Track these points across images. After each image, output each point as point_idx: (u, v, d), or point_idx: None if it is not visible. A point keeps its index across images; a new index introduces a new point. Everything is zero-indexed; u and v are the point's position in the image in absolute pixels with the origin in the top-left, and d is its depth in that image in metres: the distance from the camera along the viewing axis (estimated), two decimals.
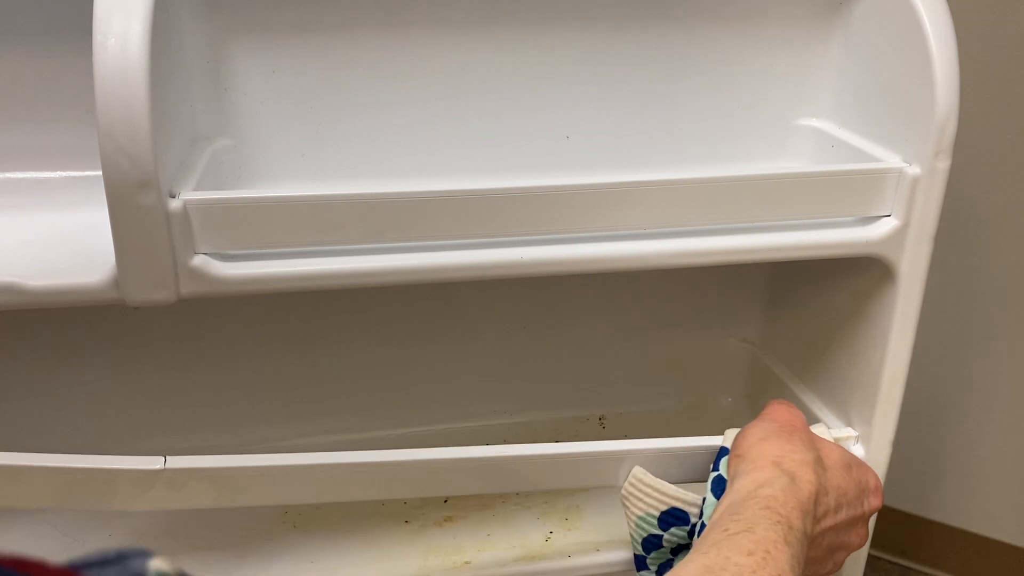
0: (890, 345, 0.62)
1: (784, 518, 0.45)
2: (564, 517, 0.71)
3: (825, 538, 0.50)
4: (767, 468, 0.48)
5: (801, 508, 0.46)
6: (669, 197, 0.55)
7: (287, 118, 0.63)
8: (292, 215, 0.51)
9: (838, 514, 0.50)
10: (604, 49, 0.65)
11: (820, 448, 0.52)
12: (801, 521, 0.46)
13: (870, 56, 0.63)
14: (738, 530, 0.44)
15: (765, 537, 0.43)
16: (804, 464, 0.49)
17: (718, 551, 0.43)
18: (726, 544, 0.43)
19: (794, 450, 0.50)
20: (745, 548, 0.43)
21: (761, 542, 0.43)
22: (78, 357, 0.72)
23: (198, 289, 0.51)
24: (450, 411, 0.82)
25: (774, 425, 0.53)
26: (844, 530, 0.51)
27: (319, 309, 0.75)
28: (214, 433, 0.77)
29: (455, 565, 0.66)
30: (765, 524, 0.44)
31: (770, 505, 0.46)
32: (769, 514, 0.45)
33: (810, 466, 0.49)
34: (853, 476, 0.52)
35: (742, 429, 0.54)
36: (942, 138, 0.57)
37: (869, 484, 0.54)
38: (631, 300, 0.81)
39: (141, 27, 0.47)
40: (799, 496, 0.47)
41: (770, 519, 0.45)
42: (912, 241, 0.59)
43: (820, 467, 0.50)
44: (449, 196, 0.52)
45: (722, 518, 0.46)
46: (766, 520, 0.45)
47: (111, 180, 0.47)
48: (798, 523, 0.45)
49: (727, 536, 0.44)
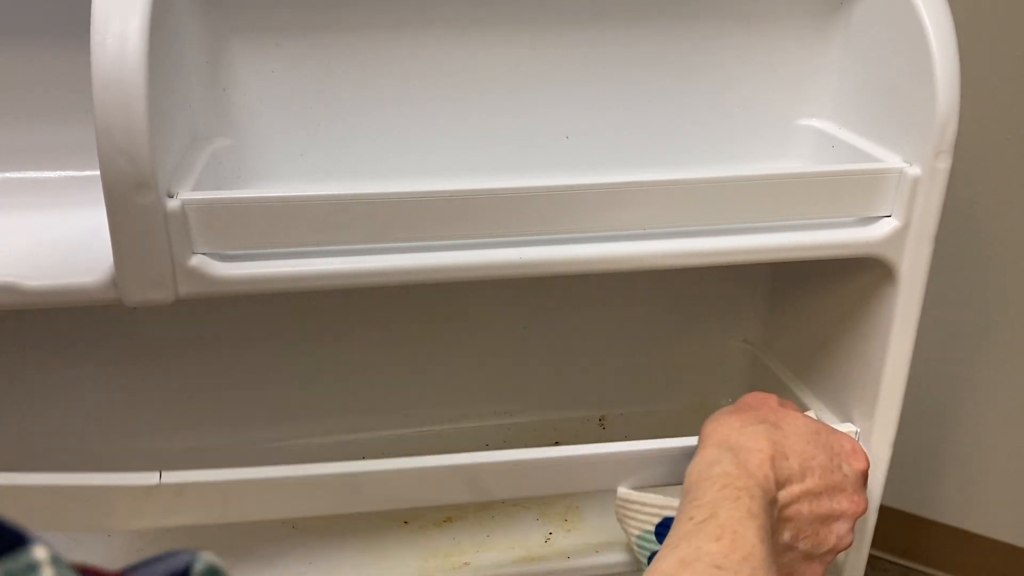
0: (890, 346, 0.62)
1: (742, 491, 0.46)
2: (564, 518, 0.71)
3: (803, 505, 0.50)
4: (713, 447, 0.49)
5: (756, 477, 0.47)
6: (669, 197, 0.55)
7: (286, 118, 0.62)
8: (290, 215, 0.50)
9: (806, 480, 0.50)
10: (604, 49, 0.65)
11: (779, 419, 0.52)
12: (760, 489, 0.46)
13: (871, 56, 0.63)
14: (703, 517, 0.44)
15: (729, 517, 0.44)
16: (754, 435, 0.50)
17: (688, 543, 0.43)
18: (695, 534, 0.44)
19: (744, 423, 0.51)
20: (713, 535, 0.43)
21: (727, 525, 0.44)
22: (76, 357, 0.72)
23: (196, 289, 0.51)
24: (450, 412, 0.82)
25: (731, 408, 0.54)
26: (827, 496, 0.51)
27: (318, 309, 0.75)
28: (213, 433, 0.77)
29: (454, 566, 0.65)
30: (727, 505, 0.45)
31: (726, 483, 0.46)
32: (727, 492, 0.46)
33: (761, 435, 0.50)
34: (821, 441, 0.52)
35: None
36: (943, 138, 0.56)
37: (844, 447, 0.53)
38: (631, 300, 0.81)
39: (139, 27, 0.47)
40: (748, 466, 0.47)
41: (729, 497, 0.45)
42: (913, 241, 0.59)
43: (775, 433, 0.50)
44: (448, 196, 0.52)
45: (685, 506, 0.47)
46: (726, 500, 0.45)
47: (109, 180, 0.47)
48: (758, 491, 0.46)
49: (695, 526, 0.44)
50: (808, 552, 0.51)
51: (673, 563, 0.42)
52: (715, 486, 0.46)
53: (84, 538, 0.69)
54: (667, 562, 0.43)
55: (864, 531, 0.68)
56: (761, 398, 0.57)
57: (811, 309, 0.74)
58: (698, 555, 0.42)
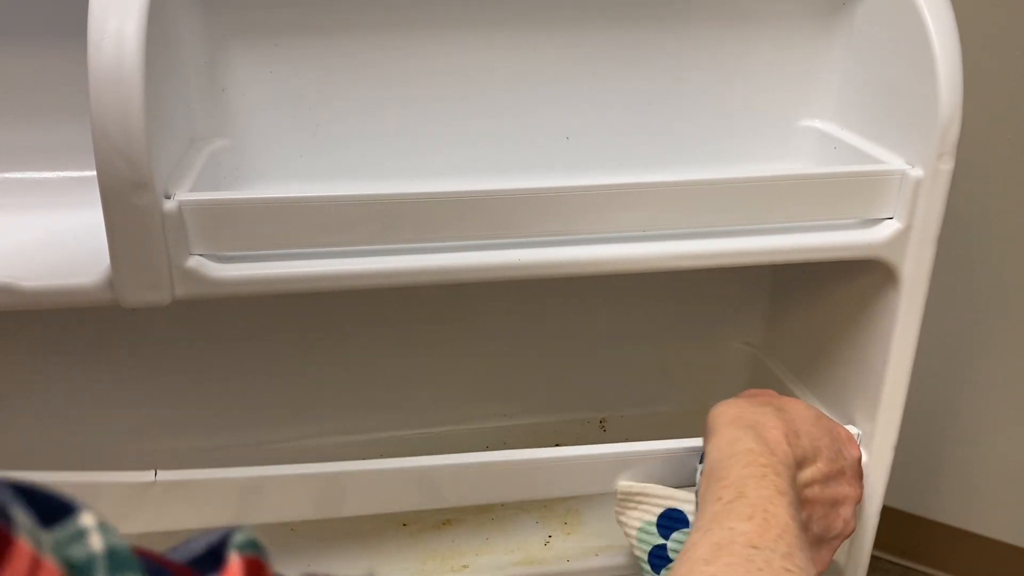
0: (892, 348, 0.62)
1: (767, 468, 0.45)
2: (563, 521, 0.71)
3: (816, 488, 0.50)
4: (730, 426, 0.49)
5: (777, 454, 0.47)
6: (670, 199, 0.55)
7: (284, 119, 0.62)
8: (288, 216, 0.50)
9: (817, 462, 0.50)
10: (605, 50, 0.65)
11: (783, 403, 0.53)
12: (784, 465, 0.46)
13: (873, 57, 0.63)
14: (731, 497, 0.44)
15: (759, 496, 0.43)
16: (764, 413, 0.50)
17: (720, 524, 0.42)
18: (725, 515, 0.43)
19: (750, 403, 0.52)
20: (744, 514, 0.42)
21: (757, 503, 0.43)
22: (73, 358, 0.72)
23: (193, 291, 0.51)
24: (451, 413, 0.81)
25: (738, 398, 0.55)
26: (834, 480, 0.51)
27: (317, 310, 0.75)
28: (211, 434, 0.77)
29: (453, 569, 0.65)
30: (754, 483, 0.44)
31: (751, 460, 0.46)
32: (753, 470, 0.45)
33: (770, 414, 0.50)
34: (823, 426, 0.53)
35: None
36: (945, 140, 0.56)
37: (840, 434, 0.54)
38: (632, 302, 0.81)
39: (136, 28, 0.46)
40: (769, 442, 0.47)
41: (755, 475, 0.45)
42: (915, 243, 0.59)
43: (783, 414, 0.51)
44: (448, 198, 0.52)
45: (711, 486, 0.46)
46: (753, 478, 0.45)
47: (106, 181, 0.47)
48: (782, 468, 0.46)
49: (724, 506, 0.43)
50: (819, 536, 0.51)
51: (707, 548, 0.41)
52: (739, 463, 0.46)
53: None
54: (701, 548, 0.41)
55: (864, 531, 0.68)
56: (753, 390, 0.59)
57: (812, 311, 0.74)
58: (732, 536, 0.41)
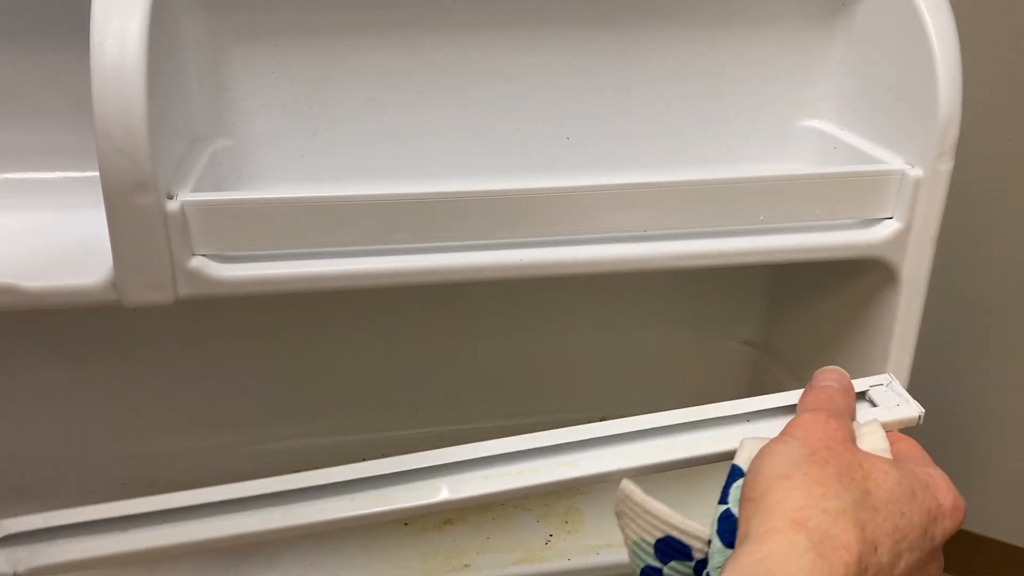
0: (892, 347, 0.62)
1: None
2: (564, 520, 0.71)
3: None
4: (785, 532, 0.36)
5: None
6: (670, 199, 0.55)
7: (286, 119, 0.62)
8: (290, 216, 0.50)
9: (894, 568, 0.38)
10: (605, 50, 0.65)
11: (868, 478, 0.39)
12: None
13: (873, 57, 0.63)
14: None
15: None
16: (840, 515, 0.36)
17: None
18: None
19: (825, 494, 0.37)
20: None
21: None
22: (75, 358, 0.72)
23: (196, 290, 0.51)
24: (450, 413, 0.81)
25: (803, 450, 0.39)
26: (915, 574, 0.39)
27: (317, 310, 0.75)
28: (212, 434, 0.77)
29: (454, 568, 0.65)
30: None
31: None
32: None
33: (849, 516, 0.36)
34: (918, 505, 0.39)
35: (761, 449, 0.41)
36: (944, 140, 0.56)
37: (943, 506, 0.40)
38: (632, 302, 0.81)
39: (139, 28, 0.47)
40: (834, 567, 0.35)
41: None
42: (914, 243, 0.59)
43: (865, 510, 0.37)
44: (448, 198, 0.52)
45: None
46: None
47: (108, 181, 0.47)
48: None
49: None
50: None
51: None
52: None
53: None
54: None
55: None
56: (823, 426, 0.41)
57: (812, 310, 0.74)
58: None
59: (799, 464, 0.38)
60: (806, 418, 0.42)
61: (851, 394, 0.46)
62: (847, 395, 0.45)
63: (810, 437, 0.40)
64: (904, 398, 0.47)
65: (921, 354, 0.64)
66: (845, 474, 0.38)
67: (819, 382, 0.46)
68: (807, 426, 0.41)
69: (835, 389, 0.45)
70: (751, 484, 0.39)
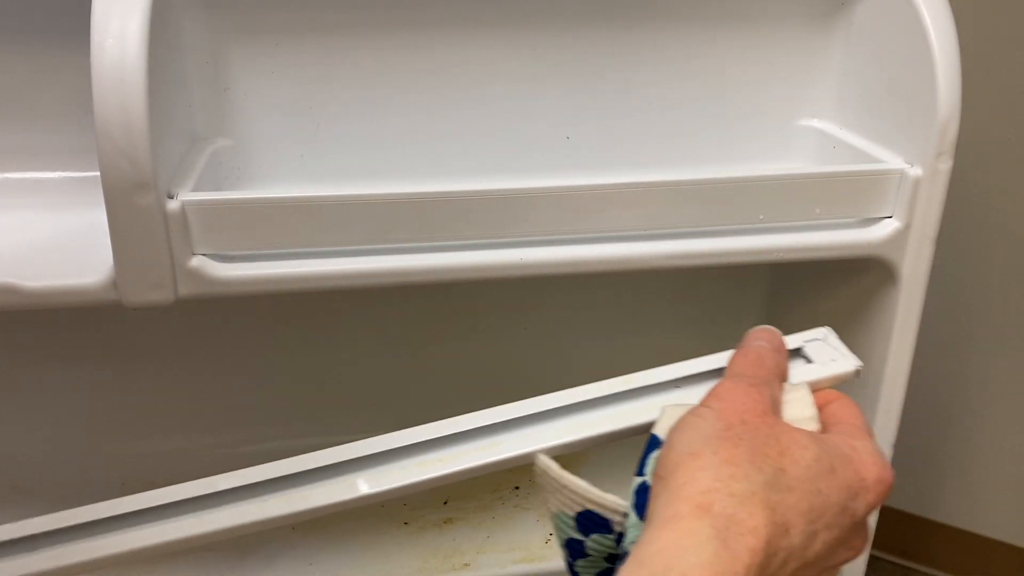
0: (891, 346, 0.62)
1: None
2: None
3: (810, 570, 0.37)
4: (688, 520, 0.34)
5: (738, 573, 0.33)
6: (670, 198, 0.55)
7: (286, 119, 0.62)
8: (290, 216, 0.50)
9: (809, 548, 0.36)
10: (605, 50, 0.65)
11: (784, 454, 0.37)
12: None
13: (872, 57, 0.63)
14: None
15: None
16: (748, 498, 0.34)
17: None
18: None
19: (735, 475, 0.35)
20: None
21: None
22: (75, 358, 0.72)
23: (196, 290, 0.51)
24: (449, 413, 0.81)
25: (718, 424, 0.37)
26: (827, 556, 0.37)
27: (317, 310, 0.75)
28: (212, 433, 0.77)
29: (454, 567, 0.65)
30: None
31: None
32: None
33: (758, 498, 0.34)
34: (838, 481, 0.37)
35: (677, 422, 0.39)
36: (944, 139, 0.56)
37: (866, 480, 0.38)
38: (632, 301, 0.81)
39: (139, 28, 0.47)
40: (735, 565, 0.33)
41: None
42: (914, 242, 0.59)
43: (777, 490, 0.35)
44: (448, 197, 0.52)
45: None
46: None
47: (109, 181, 0.47)
48: None
49: None
50: None
51: None
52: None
53: None
54: None
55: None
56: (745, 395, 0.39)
57: (811, 310, 0.74)
58: None
59: (710, 441, 0.37)
60: (727, 387, 0.40)
61: (782, 352, 0.44)
62: (777, 354, 0.43)
63: (727, 409, 0.38)
64: (841, 352, 0.45)
65: (921, 354, 0.64)
66: (759, 451, 0.36)
67: (749, 341, 0.44)
68: (726, 395, 0.39)
69: (765, 349, 0.43)
70: (662, 460, 0.37)
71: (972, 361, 1.01)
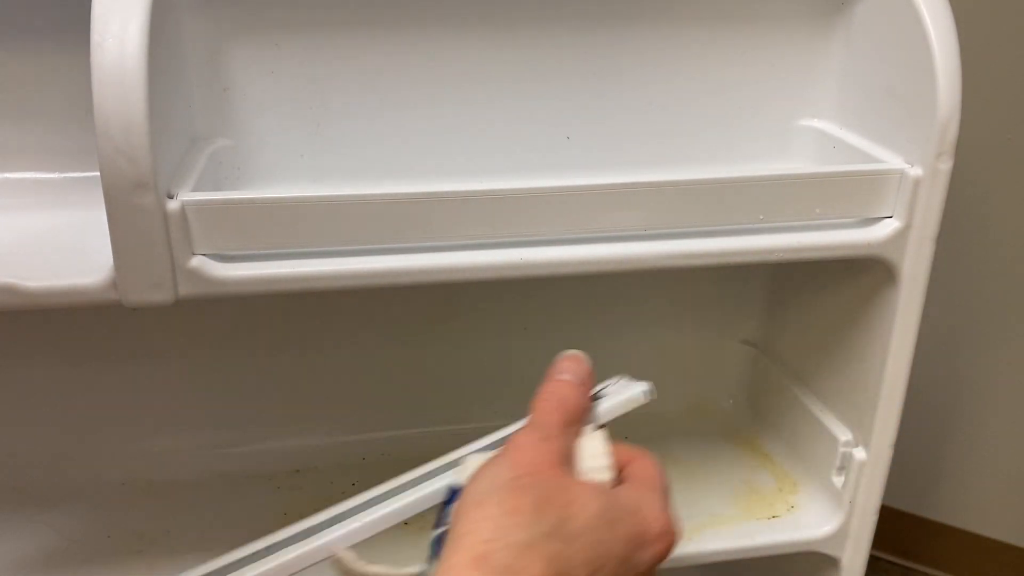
0: (891, 346, 0.62)
1: None
2: None
3: None
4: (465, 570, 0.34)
5: None
6: (670, 198, 0.55)
7: (286, 118, 0.62)
8: (290, 216, 0.50)
9: None
10: (605, 49, 0.65)
11: (569, 504, 0.37)
12: None
13: (872, 56, 0.63)
14: None
15: None
16: (526, 548, 0.35)
17: None
18: None
19: (518, 524, 0.36)
20: None
21: None
22: (75, 358, 0.72)
23: (196, 290, 0.51)
24: (449, 413, 0.81)
25: (508, 474, 0.38)
26: None
27: (317, 310, 0.75)
28: (212, 433, 0.77)
29: None
30: None
31: None
32: None
33: (537, 548, 0.35)
34: (622, 532, 0.38)
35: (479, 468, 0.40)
36: (944, 139, 0.56)
37: (650, 532, 0.39)
38: (631, 301, 0.81)
39: (139, 27, 0.47)
40: None
41: None
42: (914, 242, 0.59)
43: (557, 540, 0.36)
44: (448, 197, 0.52)
45: None
46: None
47: (109, 181, 0.47)
48: None
49: None
50: None
51: None
52: None
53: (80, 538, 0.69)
54: None
55: (864, 531, 0.68)
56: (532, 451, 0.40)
57: (812, 310, 0.74)
58: None
59: (497, 491, 0.37)
60: (522, 438, 0.41)
61: (587, 384, 0.45)
62: (581, 389, 0.45)
63: (521, 459, 0.39)
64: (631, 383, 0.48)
65: (921, 354, 0.64)
66: (544, 501, 0.37)
67: (555, 373, 0.46)
68: (521, 446, 0.40)
69: (568, 387, 0.44)
70: (456, 509, 0.38)
71: (972, 361, 1.01)
